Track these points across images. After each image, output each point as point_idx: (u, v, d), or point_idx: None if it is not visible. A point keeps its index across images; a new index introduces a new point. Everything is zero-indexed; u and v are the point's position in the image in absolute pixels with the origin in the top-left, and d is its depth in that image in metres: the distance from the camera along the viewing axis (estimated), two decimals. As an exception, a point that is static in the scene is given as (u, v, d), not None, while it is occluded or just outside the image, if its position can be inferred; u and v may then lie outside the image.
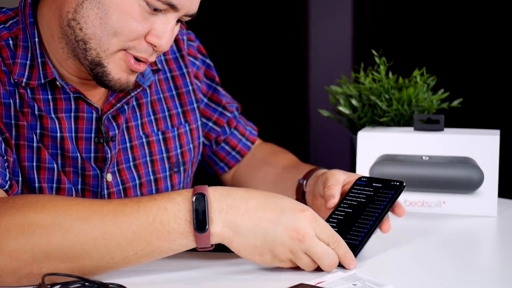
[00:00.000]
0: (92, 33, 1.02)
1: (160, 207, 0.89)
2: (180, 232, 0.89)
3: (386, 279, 0.91)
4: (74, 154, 1.11)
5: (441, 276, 0.95)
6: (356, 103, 1.38)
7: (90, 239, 0.87)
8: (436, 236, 1.14)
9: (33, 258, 0.87)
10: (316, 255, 0.91)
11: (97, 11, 1.01)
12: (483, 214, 1.24)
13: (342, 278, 0.91)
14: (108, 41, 1.02)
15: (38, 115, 1.09)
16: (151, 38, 1.03)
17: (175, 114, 1.25)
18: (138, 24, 1.02)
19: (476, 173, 1.23)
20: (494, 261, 1.06)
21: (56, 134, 1.10)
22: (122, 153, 1.17)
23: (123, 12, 1.00)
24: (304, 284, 0.88)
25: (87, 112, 1.12)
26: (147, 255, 0.90)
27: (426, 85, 1.39)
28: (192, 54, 1.31)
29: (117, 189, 1.16)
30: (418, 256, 1.04)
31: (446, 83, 1.62)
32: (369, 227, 0.99)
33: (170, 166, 1.23)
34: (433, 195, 1.26)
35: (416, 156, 1.26)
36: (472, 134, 1.24)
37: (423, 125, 1.28)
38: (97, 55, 1.04)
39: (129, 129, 1.18)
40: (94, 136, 1.13)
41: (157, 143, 1.22)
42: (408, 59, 2.44)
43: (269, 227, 0.90)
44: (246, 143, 1.38)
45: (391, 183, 1.04)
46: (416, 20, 3.26)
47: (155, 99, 1.23)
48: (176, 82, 1.27)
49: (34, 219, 0.87)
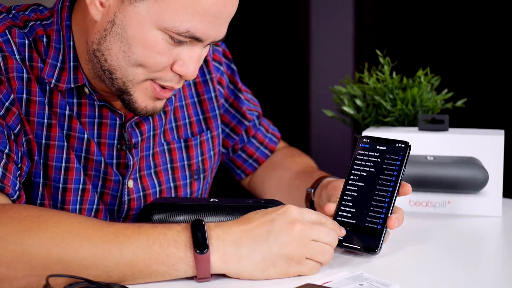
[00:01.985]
0: (116, 65, 1.02)
1: (160, 232, 0.89)
2: (180, 257, 0.89)
3: (392, 279, 0.91)
4: (98, 158, 1.12)
5: (446, 276, 0.95)
6: (360, 103, 1.37)
7: (90, 255, 0.87)
8: (441, 236, 1.14)
9: (30, 270, 0.86)
10: (319, 234, 0.92)
11: (120, 44, 1.00)
12: (487, 214, 1.23)
13: (348, 278, 0.91)
14: (133, 72, 1.02)
15: (68, 115, 1.09)
16: (178, 68, 1.03)
17: (195, 121, 1.25)
18: (162, 57, 1.01)
19: (480, 173, 1.23)
20: (499, 261, 1.06)
21: (83, 136, 1.10)
22: (145, 160, 1.17)
23: (146, 46, 1.00)
24: (311, 284, 0.87)
25: (111, 119, 1.12)
26: (144, 277, 0.89)
27: (430, 85, 1.38)
28: (217, 59, 1.30)
29: (138, 196, 1.16)
30: (423, 256, 1.04)
31: (450, 83, 1.62)
32: (386, 205, 0.99)
33: (191, 174, 1.23)
34: (437, 195, 1.25)
35: (421, 156, 1.25)
36: (476, 134, 1.24)
37: (428, 125, 1.28)
38: (123, 84, 1.04)
39: (154, 136, 1.18)
40: (117, 142, 1.13)
41: (178, 151, 1.22)
42: (409, 59, 2.44)
43: (267, 236, 0.90)
44: (264, 151, 1.37)
45: (396, 145, 1.03)
46: (418, 20, 3.26)
47: (177, 106, 1.23)
48: (198, 88, 1.26)
49: (34, 231, 0.87)
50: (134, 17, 0.98)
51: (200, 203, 1.05)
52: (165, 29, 0.98)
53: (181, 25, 0.98)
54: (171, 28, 0.98)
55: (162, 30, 0.99)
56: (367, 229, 0.99)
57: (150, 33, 0.99)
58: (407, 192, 1.02)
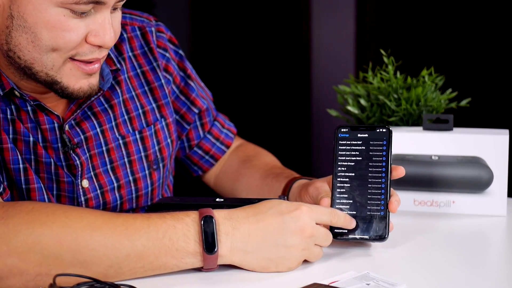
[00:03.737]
0: (31, 58, 0.99)
1: (169, 225, 0.91)
2: (189, 252, 0.90)
3: (399, 279, 0.91)
4: (47, 160, 1.10)
5: (452, 275, 0.95)
6: (365, 103, 1.38)
7: (101, 245, 0.88)
8: (446, 236, 1.14)
9: (42, 260, 0.86)
10: (322, 240, 0.96)
11: (26, 36, 0.97)
12: (492, 213, 1.24)
13: (355, 278, 0.91)
14: (49, 59, 0.99)
15: (10, 119, 1.07)
16: (92, 39, 1.00)
17: (149, 110, 1.22)
18: (71, 34, 0.98)
19: (485, 173, 1.23)
20: (505, 260, 1.06)
21: (29, 139, 1.09)
22: (98, 157, 1.15)
23: (50, 28, 0.96)
24: (318, 284, 0.88)
25: (48, 123, 1.10)
26: (153, 269, 0.91)
27: (434, 84, 1.39)
28: (162, 45, 1.26)
29: (95, 194, 1.15)
30: (429, 255, 1.04)
31: (454, 83, 1.62)
32: (384, 191, 1.00)
33: (149, 165, 1.22)
34: (442, 195, 1.25)
35: (426, 155, 1.26)
36: (481, 133, 1.24)
37: (432, 124, 1.28)
38: (46, 75, 1.01)
39: (104, 132, 1.16)
40: (60, 145, 1.11)
41: (134, 143, 1.20)
42: (411, 58, 2.44)
43: (276, 237, 0.92)
44: (220, 147, 1.36)
45: (377, 130, 1.03)
46: (419, 19, 3.26)
47: (127, 97, 1.20)
48: (147, 77, 1.23)
49: (44, 221, 0.87)
50: (28, 3, 0.95)
51: (206, 203, 1.05)
52: (62, 3, 0.95)
53: None
54: (67, 0, 0.95)
55: (60, 6, 0.95)
56: (370, 217, 0.99)
57: (50, 13, 0.95)
58: (401, 173, 1.04)
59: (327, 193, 1.05)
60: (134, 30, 1.24)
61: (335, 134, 1.05)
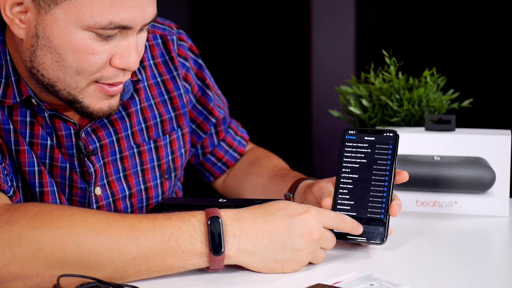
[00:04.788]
0: (55, 77, 0.99)
1: (175, 226, 0.90)
2: (195, 253, 0.90)
3: (402, 279, 0.91)
4: (63, 164, 1.10)
5: (455, 276, 0.95)
6: (367, 103, 1.38)
7: (105, 251, 0.87)
8: (449, 236, 1.14)
9: (46, 266, 0.86)
10: (328, 244, 0.96)
11: (51, 56, 0.97)
12: (495, 214, 1.24)
13: (358, 278, 0.91)
14: (74, 80, 0.99)
15: (29, 121, 1.07)
16: (117, 62, 0.99)
17: (167, 119, 1.22)
18: (96, 57, 0.97)
19: (488, 173, 1.23)
20: (507, 261, 1.06)
21: (47, 142, 1.08)
22: (112, 164, 1.15)
23: (75, 50, 0.96)
24: (322, 285, 0.88)
25: (65, 130, 1.09)
26: (159, 271, 0.90)
27: (436, 85, 1.39)
28: (183, 54, 1.26)
29: (107, 202, 1.14)
30: (431, 256, 1.04)
31: (455, 84, 1.62)
32: (386, 194, 1.00)
33: (161, 174, 1.21)
34: (444, 195, 1.25)
35: (428, 156, 1.26)
36: (483, 134, 1.24)
37: (434, 125, 1.28)
38: (68, 93, 1.01)
39: (119, 140, 1.16)
40: (75, 152, 1.11)
41: (148, 152, 1.19)
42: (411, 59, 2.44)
43: (284, 239, 0.92)
44: (233, 154, 1.35)
45: (384, 134, 1.03)
46: (419, 20, 3.26)
47: (145, 106, 1.19)
48: (167, 86, 1.22)
49: (48, 227, 0.87)
50: (54, 24, 0.95)
51: (209, 204, 1.05)
52: (88, 27, 0.94)
53: (102, 19, 0.94)
54: (93, 25, 0.94)
55: (86, 30, 0.95)
56: (370, 220, 0.99)
57: (75, 36, 0.95)
58: (405, 179, 1.03)
59: (330, 193, 1.05)
60: (156, 38, 1.23)
61: (342, 136, 1.05)
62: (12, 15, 0.97)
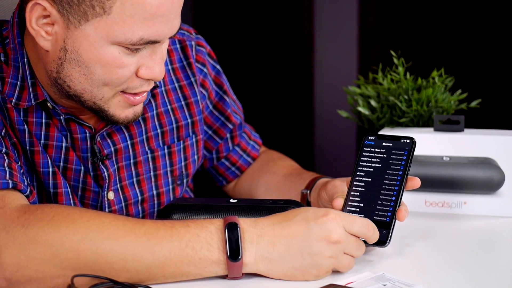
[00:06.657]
0: (81, 89, 0.99)
1: (193, 234, 0.89)
2: (212, 260, 0.89)
3: (414, 280, 0.91)
4: (77, 167, 1.10)
5: (468, 276, 0.95)
6: (375, 104, 1.38)
7: (120, 259, 0.87)
8: (459, 237, 1.14)
9: (60, 272, 0.86)
10: (352, 249, 0.92)
11: (79, 69, 0.97)
12: (504, 214, 1.24)
13: (371, 279, 0.91)
14: (100, 91, 1.00)
15: (45, 123, 1.07)
16: (143, 72, 1.00)
17: (183, 125, 1.22)
18: (124, 70, 0.98)
19: (497, 174, 1.23)
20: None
21: (62, 144, 1.08)
22: (125, 169, 1.15)
23: (105, 64, 0.97)
24: (335, 285, 0.88)
25: (80, 133, 1.09)
26: (175, 278, 0.90)
27: (444, 85, 1.39)
28: (201, 60, 1.25)
29: (119, 207, 1.14)
30: (442, 256, 1.04)
31: (463, 84, 1.62)
32: (394, 198, 0.99)
33: (173, 180, 1.21)
34: (454, 196, 1.25)
35: (437, 156, 1.26)
36: (492, 134, 1.24)
37: (443, 125, 1.28)
38: (94, 104, 1.01)
39: (134, 145, 1.16)
40: (90, 155, 1.11)
41: (162, 158, 1.19)
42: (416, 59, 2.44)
43: (301, 244, 0.90)
44: (246, 159, 1.36)
45: (401, 140, 1.04)
46: (423, 20, 3.26)
47: (162, 111, 1.19)
48: (185, 91, 1.22)
49: (64, 233, 0.87)
50: (84, 39, 0.95)
51: (220, 204, 1.05)
52: (118, 43, 0.95)
53: (133, 35, 0.94)
54: (124, 41, 0.95)
55: (116, 44, 0.95)
56: (376, 222, 0.99)
57: (105, 51, 0.96)
58: (416, 185, 1.02)
59: (343, 193, 1.04)
60: (174, 43, 1.23)
61: (362, 141, 1.06)
62: (38, 27, 0.97)
